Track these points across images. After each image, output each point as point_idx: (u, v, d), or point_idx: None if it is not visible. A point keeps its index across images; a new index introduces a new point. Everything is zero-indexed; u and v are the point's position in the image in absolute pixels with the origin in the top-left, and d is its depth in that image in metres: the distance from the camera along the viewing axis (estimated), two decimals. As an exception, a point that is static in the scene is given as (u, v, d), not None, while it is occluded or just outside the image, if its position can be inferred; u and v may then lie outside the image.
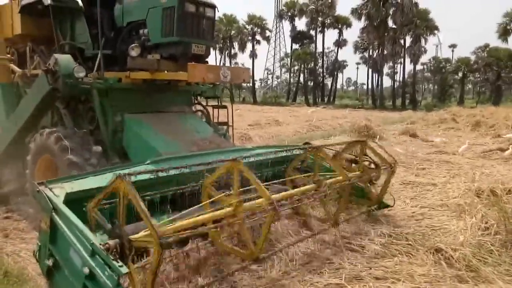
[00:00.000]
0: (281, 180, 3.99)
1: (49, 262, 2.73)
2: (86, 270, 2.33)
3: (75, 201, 2.93)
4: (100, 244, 2.36)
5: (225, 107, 6.09)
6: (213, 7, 4.74)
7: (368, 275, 3.35)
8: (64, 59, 4.45)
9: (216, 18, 4.95)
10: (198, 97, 5.97)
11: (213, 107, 6.10)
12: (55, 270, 2.72)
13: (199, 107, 6.00)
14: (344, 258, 3.65)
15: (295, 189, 3.80)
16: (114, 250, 2.43)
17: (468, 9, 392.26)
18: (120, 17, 4.95)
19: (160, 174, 3.04)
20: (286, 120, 18.66)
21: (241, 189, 3.19)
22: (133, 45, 4.50)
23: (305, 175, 4.29)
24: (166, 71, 4.67)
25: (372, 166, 4.86)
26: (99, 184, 3.25)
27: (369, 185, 4.73)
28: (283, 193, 3.53)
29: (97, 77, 4.69)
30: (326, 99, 53.30)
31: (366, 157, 5.00)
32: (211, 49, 4.89)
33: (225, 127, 6.02)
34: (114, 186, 2.70)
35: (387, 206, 4.90)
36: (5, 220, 5.08)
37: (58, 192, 2.96)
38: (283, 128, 15.94)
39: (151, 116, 5.01)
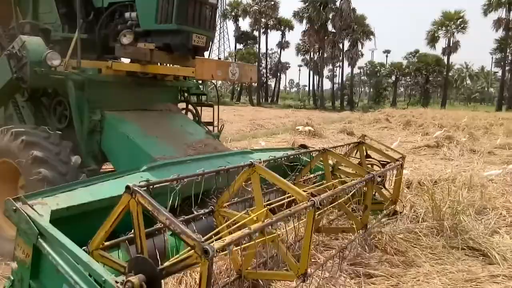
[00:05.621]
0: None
1: None
2: None
3: (62, 220, 2.24)
4: (118, 283, 1.68)
5: (211, 105, 5.48)
6: None
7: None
8: (34, 42, 3.59)
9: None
10: (185, 94, 5.28)
11: (197, 104, 5.46)
12: None
13: (184, 105, 5.31)
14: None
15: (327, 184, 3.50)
16: None
17: (400, 16, 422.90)
18: None
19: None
20: (230, 119, 18.46)
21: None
22: (125, 31, 3.78)
23: (319, 182, 3.91)
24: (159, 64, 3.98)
25: (376, 167, 4.63)
26: (90, 198, 2.62)
27: (381, 187, 4.46)
28: (318, 188, 3.20)
29: (73, 66, 3.87)
30: (269, 99, 53.77)
31: (369, 159, 4.78)
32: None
33: (214, 127, 5.39)
34: (124, 204, 2.02)
35: (395, 212, 4.63)
36: None
37: (41, 211, 2.22)
38: (227, 126, 15.69)
39: (135, 114, 4.28)
